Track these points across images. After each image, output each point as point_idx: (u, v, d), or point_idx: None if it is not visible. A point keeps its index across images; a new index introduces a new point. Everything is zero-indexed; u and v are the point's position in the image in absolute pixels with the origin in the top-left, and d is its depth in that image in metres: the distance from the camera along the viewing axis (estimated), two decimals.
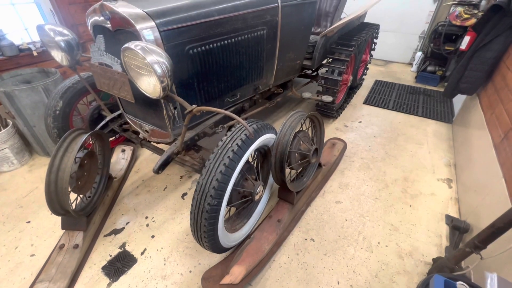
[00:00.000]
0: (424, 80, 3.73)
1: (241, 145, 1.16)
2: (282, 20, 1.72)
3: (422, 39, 4.22)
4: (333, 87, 2.40)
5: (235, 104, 1.83)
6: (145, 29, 1.15)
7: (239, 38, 1.55)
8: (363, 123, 2.80)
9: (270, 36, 1.72)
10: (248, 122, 1.33)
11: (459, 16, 3.15)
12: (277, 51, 1.85)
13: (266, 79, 1.94)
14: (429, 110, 3.00)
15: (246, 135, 1.19)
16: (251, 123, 1.32)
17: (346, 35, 2.60)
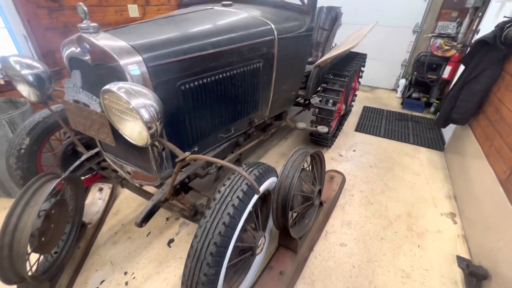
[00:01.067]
0: (410, 107, 3.81)
1: (243, 197, 1.00)
2: (278, 53, 1.64)
3: (404, 67, 4.39)
4: (327, 117, 2.33)
5: (229, 139, 1.68)
6: (130, 64, 1.00)
7: (235, 72, 1.43)
8: (358, 152, 2.73)
9: (266, 69, 1.63)
10: (248, 167, 1.18)
11: (440, 48, 3.30)
12: (273, 83, 1.75)
13: (261, 112, 1.82)
14: (420, 138, 3.01)
15: (248, 185, 1.03)
16: (252, 167, 1.17)
17: (338, 65, 2.60)
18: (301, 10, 1.74)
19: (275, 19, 1.63)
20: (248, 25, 1.48)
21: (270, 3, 1.82)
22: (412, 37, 4.14)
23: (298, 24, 1.71)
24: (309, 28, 1.76)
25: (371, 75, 4.67)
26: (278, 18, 1.66)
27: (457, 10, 3.69)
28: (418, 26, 4.02)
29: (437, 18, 3.88)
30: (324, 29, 2.53)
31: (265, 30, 1.53)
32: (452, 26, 3.75)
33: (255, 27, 1.49)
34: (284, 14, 1.73)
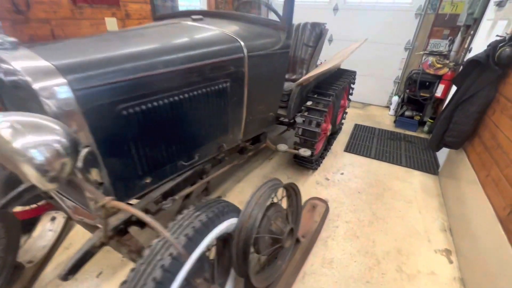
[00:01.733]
0: (403, 125, 3.65)
1: (170, 266, 0.78)
2: (249, 71, 1.49)
3: (397, 84, 4.28)
4: (311, 139, 2.15)
5: (193, 167, 1.49)
6: (48, 88, 0.82)
7: (195, 93, 1.27)
8: (346, 175, 2.54)
9: (235, 89, 1.47)
10: (196, 210, 0.98)
11: (432, 66, 3.18)
12: (245, 104, 1.58)
13: (232, 135, 1.64)
14: (413, 159, 2.83)
15: (173, 255, 0.81)
16: (200, 210, 0.97)
17: (324, 83, 2.46)
18: (276, 26, 1.60)
19: (246, 35, 1.48)
20: (213, 42, 1.33)
21: (244, 18, 1.68)
22: (404, 54, 4.06)
23: (272, 41, 1.56)
24: (285, 45, 1.61)
25: (363, 92, 4.55)
26: (250, 34, 1.51)
27: (448, 28, 3.62)
28: (410, 43, 3.94)
29: (429, 36, 3.80)
30: (308, 46, 2.41)
31: (233, 48, 1.37)
32: (444, 44, 3.67)
33: (221, 44, 1.34)
34: (258, 30, 1.59)
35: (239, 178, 2.43)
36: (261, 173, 2.52)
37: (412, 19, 3.81)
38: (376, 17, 4.00)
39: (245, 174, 2.49)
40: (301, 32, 2.42)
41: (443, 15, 3.56)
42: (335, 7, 4.23)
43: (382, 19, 3.98)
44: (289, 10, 1.51)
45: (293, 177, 2.48)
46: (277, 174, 2.52)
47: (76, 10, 2.43)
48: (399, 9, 3.84)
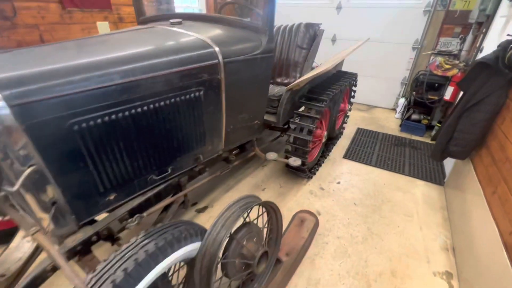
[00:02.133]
0: (409, 130, 3.45)
1: None
2: (226, 79, 1.38)
3: (404, 85, 4.06)
4: (302, 148, 2.03)
5: (166, 181, 1.40)
6: None
7: (162, 104, 1.18)
8: (342, 185, 2.39)
9: (210, 98, 1.37)
10: (148, 236, 0.89)
11: (440, 66, 2.97)
12: (224, 113, 1.48)
13: (211, 146, 1.55)
14: (417, 168, 2.64)
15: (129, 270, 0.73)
16: (149, 238, 0.88)
17: (319, 87, 2.32)
18: (256, 29, 1.49)
19: (223, 40, 1.38)
20: (183, 48, 1.23)
21: (225, 21, 1.58)
22: (411, 54, 3.83)
23: (252, 46, 1.45)
24: (267, 49, 1.50)
25: (369, 94, 4.36)
26: (228, 39, 1.41)
27: (460, 25, 3.37)
28: (418, 42, 3.71)
29: (438, 34, 3.57)
30: (302, 48, 2.28)
31: (205, 54, 1.27)
32: (456, 42, 3.43)
33: (192, 50, 1.24)
34: (238, 34, 1.48)
35: (228, 186, 2.34)
36: (253, 181, 2.42)
37: (420, 16, 3.58)
38: (382, 15, 3.80)
39: (235, 183, 2.40)
40: (294, 34, 2.29)
41: (454, 12, 3.33)
42: (338, 5, 4.05)
43: (388, 17, 3.77)
44: (270, 11, 1.39)
45: (285, 186, 2.36)
46: (269, 182, 2.40)
47: (66, 15, 2.40)
48: (406, 6, 3.63)
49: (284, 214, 2.01)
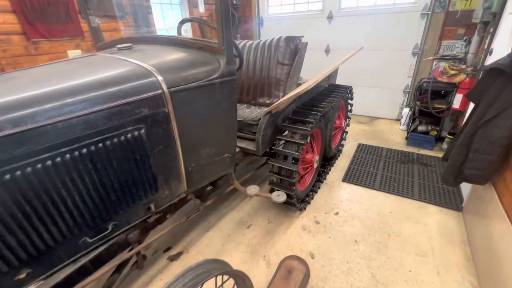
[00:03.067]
0: (416, 143, 3.10)
1: None
2: (176, 111, 1.14)
3: (407, 94, 3.75)
4: (287, 179, 1.74)
5: (108, 240, 1.13)
6: None
7: (84, 151, 0.93)
8: (341, 216, 2.06)
9: (157, 135, 1.12)
10: None
11: (445, 72, 2.66)
12: (180, 151, 1.22)
13: (168, 190, 1.28)
14: (428, 190, 2.29)
15: None
16: None
17: (306, 106, 2.05)
18: (213, 49, 1.25)
19: (170, 66, 1.15)
20: (113, 80, 1.00)
21: (179, 42, 1.35)
22: (412, 60, 3.54)
23: (207, 70, 1.21)
24: (227, 72, 1.25)
25: (369, 105, 4.06)
26: (177, 64, 1.17)
27: (463, 26, 3.09)
28: (418, 47, 3.43)
29: (440, 37, 3.28)
30: (283, 64, 2.03)
31: (144, 85, 1.03)
32: (460, 45, 3.13)
33: (125, 81, 1.01)
34: (191, 57, 1.24)
35: (209, 224, 2.05)
36: (238, 216, 2.12)
37: (418, 20, 3.32)
38: (377, 21, 3.56)
39: (218, 219, 2.10)
40: (274, 49, 2.05)
41: (455, 13, 3.05)
42: (329, 15, 3.85)
43: (384, 23, 3.53)
44: (226, 27, 1.16)
45: (275, 220, 2.05)
46: (256, 217, 2.10)
47: (31, 46, 2.26)
48: (401, 11, 3.38)
49: (271, 260, 1.71)
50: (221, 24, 1.13)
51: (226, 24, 1.15)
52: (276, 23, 4.38)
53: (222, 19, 1.12)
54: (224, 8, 1.11)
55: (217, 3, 1.08)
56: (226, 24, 1.15)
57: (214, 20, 1.16)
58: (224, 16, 1.13)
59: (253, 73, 2.17)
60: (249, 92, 2.22)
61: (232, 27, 1.22)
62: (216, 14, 1.12)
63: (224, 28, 1.14)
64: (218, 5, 1.09)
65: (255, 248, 1.81)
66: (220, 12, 1.10)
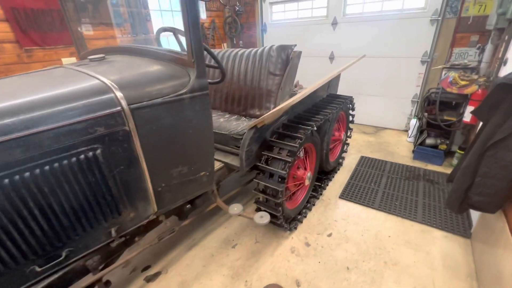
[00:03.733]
0: (424, 157, 2.88)
1: None
2: (139, 129, 1.05)
3: (415, 103, 3.54)
4: (273, 199, 1.61)
5: (62, 269, 1.04)
6: None
7: (26, 175, 0.85)
8: (335, 238, 1.90)
9: (117, 155, 1.03)
10: None
11: (454, 83, 2.47)
12: (147, 171, 1.13)
13: (135, 212, 1.18)
14: (434, 211, 2.09)
15: None
16: None
17: (299, 118, 1.93)
18: (183, 62, 1.15)
19: (134, 80, 1.06)
20: (64, 97, 0.92)
21: (151, 54, 1.27)
22: (421, 68, 3.34)
23: (175, 84, 1.11)
24: (198, 87, 1.15)
25: (376, 114, 3.87)
26: (142, 78, 1.08)
27: (476, 33, 2.87)
28: (428, 55, 3.23)
29: (451, 44, 3.08)
30: (275, 75, 1.92)
31: (99, 102, 0.95)
32: (474, 53, 2.92)
33: (78, 99, 0.92)
34: (159, 70, 1.15)
35: (193, 241, 1.94)
36: (224, 234, 2.00)
37: (427, 26, 3.13)
38: (383, 28, 3.39)
39: (203, 236, 1.99)
40: (265, 59, 1.95)
41: (467, 19, 2.85)
42: (333, 21, 3.72)
43: (391, 29, 3.35)
44: (194, 37, 1.06)
45: (263, 240, 1.92)
46: (243, 235, 1.97)
47: (24, 54, 2.26)
48: (410, 16, 3.20)
49: (253, 286, 1.58)
50: (188, 33, 1.04)
51: (194, 32, 1.05)
52: (279, 29, 4.29)
53: (189, 27, 1.03)
54: (191, 13, 1.01)
55: (182, 6, 0.98)
56: (194, 33, 1.05)
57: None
58: (191, 22, 1.03)
59: (244, 82, 2.07)
60: (240, 103, 2.12)
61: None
62: (183, 20, 1.02)
63: (192, 38, 1.05)
64: (184, 8, 0.99)
65: (238, 272, 1.68)
66: (186, 17, 1.00)
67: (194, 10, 1.00)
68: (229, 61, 2.16)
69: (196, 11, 1.01)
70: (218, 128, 1.80)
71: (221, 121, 1.88)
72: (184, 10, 0.99)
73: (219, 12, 4.26)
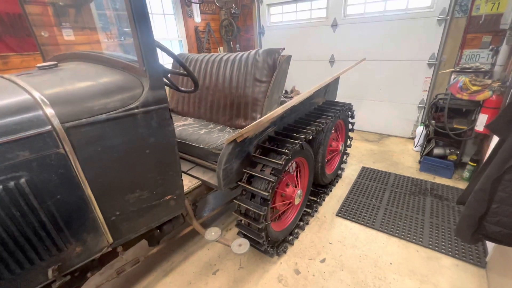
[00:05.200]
0: (431, 169, 2.64)
1: None
2: (79, 151, 0.87)
3: (422, 109, 3.29)
4: (254, 223, 1.41)
5: None
6: None
7: None
8: (328, 264, 1.69)
9: (49, 184, 0.85)
10: None
11: (465, 88, 2.23)
12: (93, 199, 0.95)
13: (82, 246, 1.01)
14: (442, 234, 1.85)
15: None
16: None
17: (288, 129, 1.73)
18: (135, 71, 0.98)
19: (72, 94, 0.89)
20: None
21: (104, 60, 1.10)
22: (428, 72, 3.10)
23: (122, 98, 0.94)
24: (152, 100, 0.97)
25: (379, 121, 3.64)
26: (83, 91, 0.91)
27: (489, 33, 2.63)
28: (435, 58, 2.99)
29: (461, 46, 2.84)
30: (261, 82, 1.73)
31: (22, 121, 0.78)
32: (486, 55, 2.67)
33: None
34: (109, 81, 0.98)
35: (171, 265, 1.75)
36: (205, 257, 1.81)
37: (435, 26, 2.90)
38: (387, 29, 3.17)
39: (183, 258, 1.81)
40: (251, 64, 1.76)
41: (478, 18, 2.61)
42: (333, 22, 3.52)
43: (395, 30, 3.13)
44: (143, 40, 0.88)
45: (247, 266, 1.72)
46: (227, 259, 1.78)
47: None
48: (415, 16, 2.98)
49: None
50: (136, 35, 0.86)
51: (143, 34, 0.87)
52: (277, 32, 4.11)
53: (136, 28, 0.85)
54: (136, 11, 0.83)
55: (126, 3, 0.81)
56: (143, 35, 0.87)
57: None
58: (137, 16, 0.85)
59: (229, 90, 1.89)
60: (225, 112, 1.94)
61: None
62: (128, 15, 0.84)
63: (141, 41, 0.87)
64: (128, 6, 0.81)
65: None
66: (130, 10, 0.82)
67: (140, 6, 0.83)
68: (213, 67, 1.98)
69: (143, 8, 0.83)
70: (197, 141, 1.62)
71: (201, 133, 1.70)
72: (127, 5, 0.81)
73: (214, 15, 4.12)
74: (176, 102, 2.26)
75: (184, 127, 1.83)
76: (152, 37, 0.89)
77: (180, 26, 3.72)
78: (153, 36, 0.89)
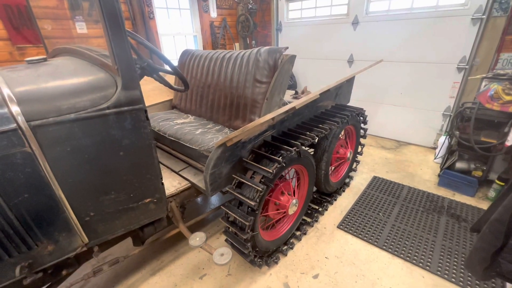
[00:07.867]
0: (452, 184, 2.39)
1: None
2: (47, 150, 0.85)
3: (448, 117, 3.00)
4: (240, 233, 1.34)
5: None
6: None
7: None
8: (321, 281, 1.58)
9: (15, 182, 0.84)
10: None
11: (496, 98, 1.97)
12: (64, 198, 0.93)
13: (54, 245, 1.00)
14: (455, 259, 1.66)
15: None
16: None
17: (287, 134, 1.63)
18: (108, 67, 0.93)
19: (42, 92, 0.86)
20: None
21: (86, 55, 1.07)
22: (457, 77, 2.81)
23: (93, 97, 0.90)
24: (125, 100, 0.92)
25: (399, 127, 3.39)
26: (53, 90, 0.89)
27: None
28: (466, 61, 2.69)
29: (498, 49, 2.53)
30: (261, 83, 1.63)
31: None
32: None
33: None
34: (79, 80, 0.94)
35: (160, 265, 1.74)
36: (195, 260, 1.77)
37: (468, 26, 2.60)
38: (413, 28, 2.91)
39: (173, 259, 1.78)
40: (252, 63, 1.67)
41: None
42: (354, 20, 3.30)
43: (422, 30, 2.87)
44: (114, 36, 0.82)
45: (236, 273, 1.65)
46: (215, 264, 1.72)
47: (16, 52, 2.23)
48: (446, 15, 2.70)
49: None
50: (107, 31, 0.81)
51: (114, 30, 0.82)
52: (295, 28, 3.95)
53: (105, 23, 0.80)
54: (106, 6, 0.78)
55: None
56: (114, 31, 0.82)
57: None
58: (108, 18, 0.80)
59: (229, 89, 1.81)
60: (224, 112, 1.87)
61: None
62: (98, 14, 0.79)
63: (112, 37, 0.82)
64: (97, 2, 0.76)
65: None
66: (101, 11, 0.77)
67: (111, 2, 0.77)
68: (216, 64, 1.92)
69: (113, 3, 0.78)
70: (190, 142, 1.57)
71: (196, 133, 1.65)
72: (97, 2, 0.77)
73: (231, 10, 4.05)
74: (179, 99, 2.23)
75: (181, 126, 1.79)
76: (124, 32, 0.83)
77: (196, 21, 3.69)
78: (125, 31, 0.84)
